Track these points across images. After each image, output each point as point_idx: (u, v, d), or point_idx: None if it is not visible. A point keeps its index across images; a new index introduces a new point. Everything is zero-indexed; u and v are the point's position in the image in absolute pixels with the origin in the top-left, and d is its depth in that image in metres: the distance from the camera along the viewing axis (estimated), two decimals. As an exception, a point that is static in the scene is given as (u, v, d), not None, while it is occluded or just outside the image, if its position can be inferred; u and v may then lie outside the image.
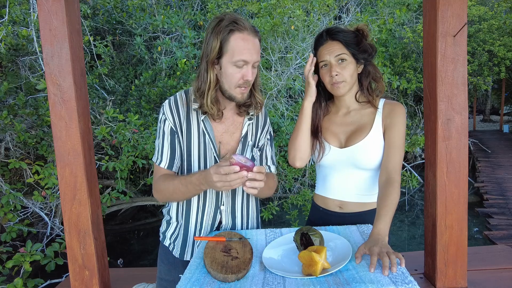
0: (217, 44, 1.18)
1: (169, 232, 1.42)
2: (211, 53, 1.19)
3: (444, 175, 1.30)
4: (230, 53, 1.18)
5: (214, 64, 1.22)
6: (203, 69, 1.23)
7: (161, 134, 1.32)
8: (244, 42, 1.18)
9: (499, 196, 7.18)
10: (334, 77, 1.37)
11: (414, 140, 5.43)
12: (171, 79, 4.60)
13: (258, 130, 1.44)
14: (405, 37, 7.94)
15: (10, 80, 4.15)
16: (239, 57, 1.18)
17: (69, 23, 1.28)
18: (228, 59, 1.19)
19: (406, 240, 6.25)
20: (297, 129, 1.45)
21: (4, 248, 3.21)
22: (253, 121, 1.41)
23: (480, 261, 1.58)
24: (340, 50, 1.37)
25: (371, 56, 1.42)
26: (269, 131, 1.49)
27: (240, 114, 1.37)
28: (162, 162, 1.32)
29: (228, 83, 1.23)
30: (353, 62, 1.39)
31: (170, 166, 1.32)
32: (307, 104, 1.43)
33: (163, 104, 1.33)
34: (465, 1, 1.25)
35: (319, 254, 0.99)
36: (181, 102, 1.32)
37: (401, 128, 1.38)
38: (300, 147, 1.45)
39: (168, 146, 1.31)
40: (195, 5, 5.88)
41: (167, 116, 1.30)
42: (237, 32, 1.17)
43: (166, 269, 1.42)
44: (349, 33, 1.38)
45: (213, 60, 1.20)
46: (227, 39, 1.17)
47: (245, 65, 1.20)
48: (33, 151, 4.38)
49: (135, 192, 5.95)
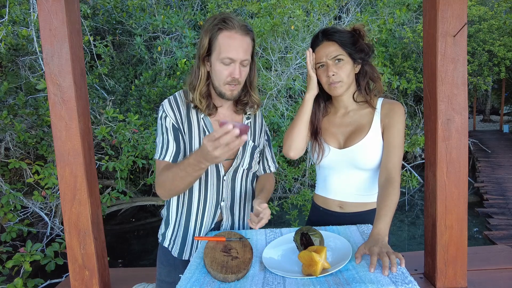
0: (206, 41, 1.23)
1: (169, 232, 1.42)
2: (201, 49, 1.25)
3: (444, 175, 1.30)
4: (218, 51, 1.23)
5: (205, 60, 1.27)
6: (196, 65, 1.30)
7: (164, 130, 1.31)
8: (231, 40, 1.21)
9: (499, 196, 7.17)
10: (331, 77, 1.37)
11: (414, 140, 5.43)
12: (171, 79, 4.60)
13: (257, 130, 1.46)
14: (405, 37, 7.93)
15: (10, 80, 4.16)
16: (225, 55, 1.21)
17: (69, 23, 1.28)
18: (216, 57, 1.24)
19: (406, 240, 6.25)
20: (295, 120, 1.45)
21: (4, 248, 3.21)
22: (251, 120, 1.43)
23: (480, 261, 1.58)
24: (336, 51, 1.37)
25: (368, 56, 1.41)
26: (266, 132, 1.52)
27: (237, 112, 1.39)
28: (167, 155, 1.30)
29: (217, 80, 1.27)
30: (349, 62, 1.39)
31: (175, 160, 1.30)
32: (308, 97, 1.43)
33: (163, 103, 1.34)
34: (465, 1, 1.25)
35: (319, 254, 0.99)
36: (180, 101, 1.34)
37: (400, 127, 1.38)
38: (297, 137, 1.45)
39: (173, 141, 1.30)
40: (195, 5, 5.88)
41: (168, 113, 1.31)
42: (225, 30, 1.21)
43: (166, 270, 1.41)
44: (345, 33, 1.38)
45: (203, 56, 1.26)
46: (215, 37, 1.22)
47: (232, 63, 1.23)
48: (33, 151, 4.38)
49: (135, 192, 5.95)
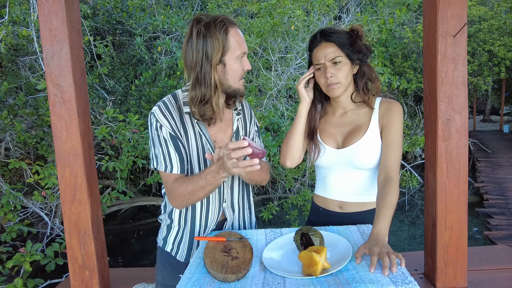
0: (219, 44, 1.19)
1: (171, 237, 1.40)
2: (215, 54, 1.18)
3: (444, 175, 1.30)
4: (232, 50, 1.22)
5: (216, 65, 1.21)
6: (205, 74, 1.20)
7: (162, 142, 1.27)
8: (238, 36, 1.24)
9: (499, 196, 7.18)
10: (329, 78, 1.37)
11: (414, 140, 5.43)
12: (171, 79, 4.60)
13: (247, 123, 1.47)
14: (405, 37, 7.93)
15: (10, 80, 4.15)
16: (240, 51, 1.23)
17: (69, 23, 1.28)
18: (231, 56, 1.22)
19: (406, 240, 6.25)
20: (291, 130, 1.48)
21: (4, 248, 3.21)
22: (241, 116, 1.43)
23: (480, 261, 1.58)
24: (334, 53, 1.36)
25: (366, 57, 1.41)
26: (256, 123, 1.52)
27: (229, 107, 1.39)
28: (173, 168, 1.27)
29: (233, 78, 1.26)
30: (347, 63, 1.38)
31: (182, 171, 1.29)
32: (301, 107, 1.46)
33: (152, 111, 1.28)
34: (465, 1, 1.25)
35: (319, 254, 0.99)
36: (172, 107, 1.30)
37: (398, 126, 1.37)
38: (292, 148, 1.47)
39: (174, 152, 1.27)
40: (195, 5, 5.88)
41: (162, 122, 1.26)
42: (230, 28, 1.22)
43: (170, 274, 1.39)
44: (343, 33, 1.38)
45: (217, 61, 1.20)
46: (226, 38, 1.21)
47: (244, 56, 1.26)
48: (33, 151, 4.38)
49: (135, 192, 5.95)
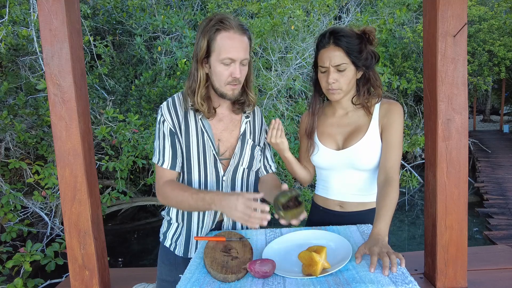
0: (205, 43, 1.22)
1: (170, 232, 1.43)
2: (199, 52, 1.24)
3: (444, 175, 1.30)
4: (217, 52, 1.22)
5: (203, 63, 1.26)
6: (194, 68, 1.28)
7: (161, 136, 1.33)
8: (230, 41, 1.21)
9: (499, 196, 7.17)
10: (330, 84, 1.36)
11: (414, 140, 5.43)
12: (171, 79, 4.60)
13: (256, 129, 1.45)
14: (405, 37, 7.93)
15: (10, 80, 4.15)
16: (225, 55, 1.21)
17: (69, 23, 1.28)
18: (215, 58, 1.23)
19: (406, 240, 6.25)
20: (289, 169, 1.53)
21: (4, 248, 3.21)
22: (250, 119, 1.43)
23: (480, 261, 1.58)
24: (340, 59, 1.32)
25: (372, 65, 1.38)
26: (266, 130, 1.52)
27: (235, 112, 1.39)
28: (164, 163, 1.32)
29: (218, 81, 1.26)
30: (352, 70, 1.36)
31: (173, 167, 1.33)
32: (286, 156, 1.45)
33: (161, 105, 1.35)
34: (465, 1, 1.25)
35: (319, 254, 0.99)
36: (178, 103, 1.35)
37: (398, 127, 1.37)
38: (300, 175, 1.55)
39: (169, 147, 1.32)
40: (195, 5, 5.88)
41: (166, 117, 1.32)
42: (223, 31, 1.21)
43: (167, 269, 1.41)
44: (353, 38, 1.33)
45: (202, 59, 1.25)
46: (213, 38, 1.21)
47: (233, 63, 1.24)
48: (33, 151, 4.38)
49: (135, 192, 5.95)
